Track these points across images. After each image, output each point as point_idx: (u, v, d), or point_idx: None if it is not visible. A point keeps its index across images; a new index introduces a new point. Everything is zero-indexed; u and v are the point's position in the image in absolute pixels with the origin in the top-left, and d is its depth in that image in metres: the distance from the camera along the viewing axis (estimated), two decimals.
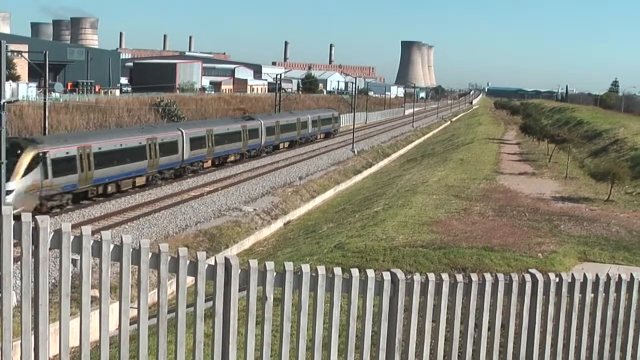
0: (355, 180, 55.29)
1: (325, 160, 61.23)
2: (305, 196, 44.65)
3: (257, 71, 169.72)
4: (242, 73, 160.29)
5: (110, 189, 37.64)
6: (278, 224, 37.56)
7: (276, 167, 54.70)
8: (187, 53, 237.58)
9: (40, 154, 31.74)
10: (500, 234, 21.60)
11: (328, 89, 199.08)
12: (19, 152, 30.77)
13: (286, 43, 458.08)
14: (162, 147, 42.34)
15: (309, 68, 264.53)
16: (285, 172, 52.34)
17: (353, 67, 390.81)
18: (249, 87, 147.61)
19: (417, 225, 23.38)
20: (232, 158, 54.00)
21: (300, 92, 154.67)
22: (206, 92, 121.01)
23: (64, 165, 33.23)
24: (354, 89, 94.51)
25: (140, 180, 40.67)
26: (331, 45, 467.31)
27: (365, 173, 59.63)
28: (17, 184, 29.99)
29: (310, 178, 50.42)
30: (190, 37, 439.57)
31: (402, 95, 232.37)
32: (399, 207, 28.61)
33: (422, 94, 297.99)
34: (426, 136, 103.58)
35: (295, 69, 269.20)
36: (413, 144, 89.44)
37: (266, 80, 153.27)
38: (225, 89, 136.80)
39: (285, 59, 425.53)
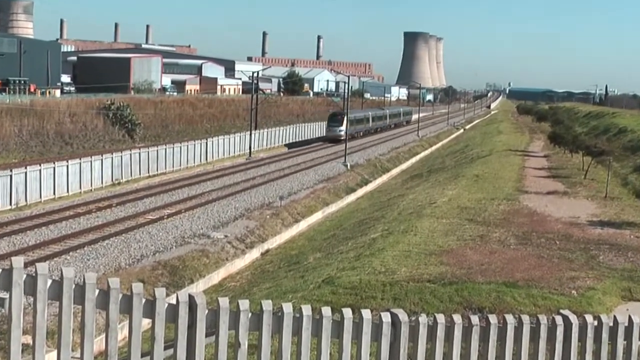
0: (347, 200, 55.29)
1: (311, 176, 61.28)
2: (287, 220, 44.61)
3: (230, 68, 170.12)
4: (211, 70, 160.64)
5: (360, 134, 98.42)
6: (254, 254, 37.48)
7: (252, 185, 54.69)
8: (143, 45, 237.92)
9: (349, 117, 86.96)
10: (524, 267, 21.64)
11: (315, 89, 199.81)
12: (343, 115, 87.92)
13: (264, 34, 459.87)
14: (372, 118, 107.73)
15: (292, 65, 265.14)
16: (263, 191, 52.35)
17: (345, 63, 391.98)
18: (219, 87, 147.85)
19: (423, 256, 23.42)
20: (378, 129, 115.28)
21: (282, 94, 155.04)
22: (167, 93, 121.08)
23: (353, 122, 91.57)
24: (346, 90, 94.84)
25: (364, 133, 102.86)
26: (319, 37, 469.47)
27: (360, 192, 59.62)
28: (343, 128, 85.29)
29: (294, 198, 50.41)
30: (148, 26, 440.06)
31: (405, 97, 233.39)
32: (401, 234, 28.65)
33: (430, 97, 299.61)
34: (434, 147, 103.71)
35: (275, 65, 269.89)
36: (418, 157, 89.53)
37: (240, 79, 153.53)
38: (191, 90, 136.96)
39: (263, 53, 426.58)
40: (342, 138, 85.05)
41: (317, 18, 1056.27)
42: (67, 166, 48.07)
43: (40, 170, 45.31)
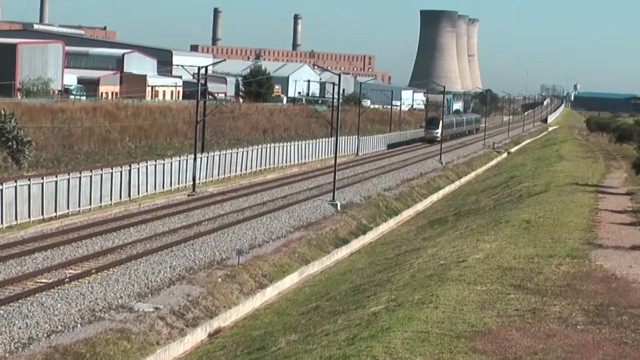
0: (337, 256, 55.36)
1: (284, 221, 61.11)
2: (247, 285, 44.49)
3: (165, 61, 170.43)
4: (138, 64, 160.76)
5: (448, 137, 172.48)
6: (198, 336, 37.39)
7: (196, 233, 54.45)
8: (36, 26, 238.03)
9: (442, 121, 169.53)
10: (598, 358, 21.60)
11: (290, 93, 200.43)
12: (439, 120, 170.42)
13: (216, 12, 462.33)
14: (456, 124, 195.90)
15: (257, 57, 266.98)
16: (213, 242, 52.11)
17: (335, 55, 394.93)
18: (149, 88, 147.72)
19: (447, 339, 23.45)
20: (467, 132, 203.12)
21: (242, 99, 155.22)
22: (72, 96, 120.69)
23: (445, 127, 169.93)
24: (335, 95, 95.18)
25: (451, 136, 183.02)
26: (296, 17, 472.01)
27: (356, 244, 59.63)
28: (439, 130, 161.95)
29: (258, 252, 50.31)
30: None
31: (421, 105, 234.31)
32: (416, 306, 28.66)
33: (458, 105, 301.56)
34: (464, 179, 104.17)
35: (233, 57, 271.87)
36: (440, 193, 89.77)
37: (180, 77, 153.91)
38: (107, 92, 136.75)
39: (214, 40, 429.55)
40: (438, 139, 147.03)
41: None
42: None
43: None
